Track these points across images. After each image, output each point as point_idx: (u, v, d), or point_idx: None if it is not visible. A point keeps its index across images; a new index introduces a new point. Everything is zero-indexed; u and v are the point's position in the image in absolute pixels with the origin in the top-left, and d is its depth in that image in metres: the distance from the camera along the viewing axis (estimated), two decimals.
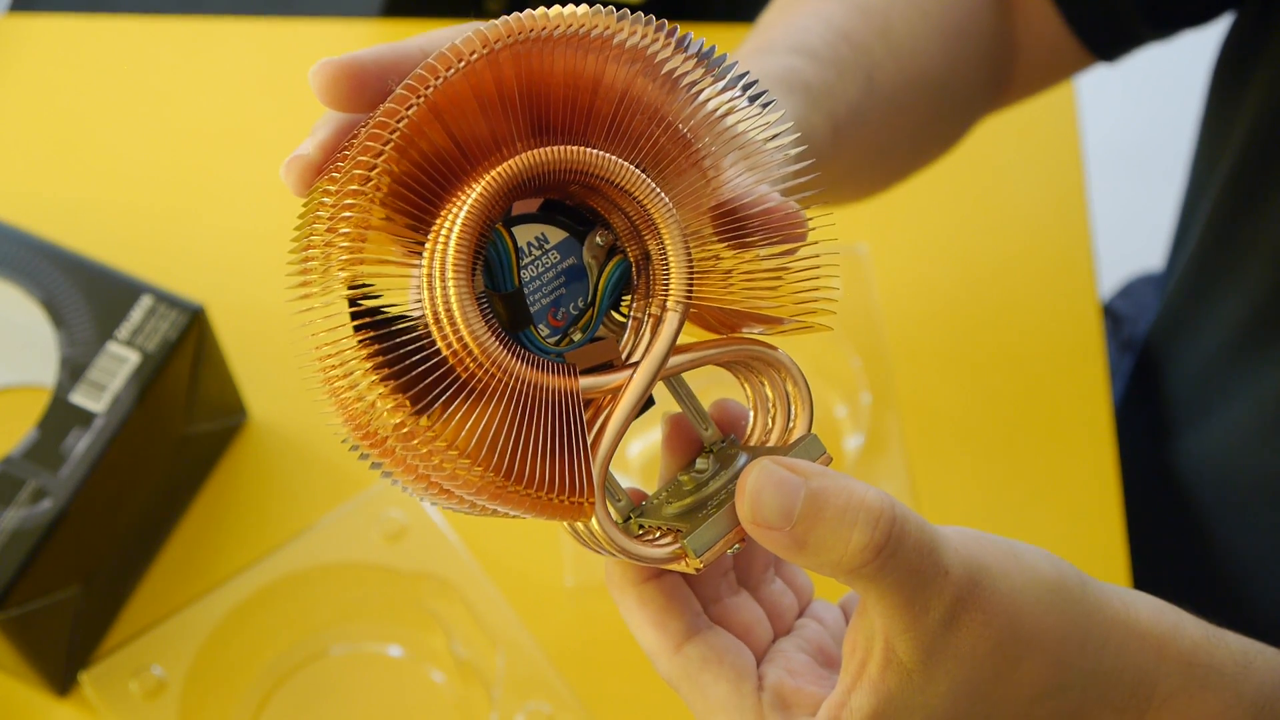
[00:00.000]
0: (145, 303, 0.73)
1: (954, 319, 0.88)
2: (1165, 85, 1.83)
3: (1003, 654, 0.40)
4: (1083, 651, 0.41)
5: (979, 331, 0.88)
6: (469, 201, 0.38)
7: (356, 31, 1.00)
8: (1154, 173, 1.71)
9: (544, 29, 0.38)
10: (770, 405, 0.44)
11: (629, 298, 0.42)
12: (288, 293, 0.40)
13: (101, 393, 0.70)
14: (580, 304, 0.41)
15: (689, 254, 0.40)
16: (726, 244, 0.41)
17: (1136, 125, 1.98)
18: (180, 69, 0.98)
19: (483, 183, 0.38)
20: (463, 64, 0.37)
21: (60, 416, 0.70)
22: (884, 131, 0.68)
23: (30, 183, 0.93)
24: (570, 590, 0.77)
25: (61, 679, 0.73)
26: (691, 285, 0.40)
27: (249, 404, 0.82)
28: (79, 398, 0.70)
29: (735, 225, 0.41)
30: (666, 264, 0.40)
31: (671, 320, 0.40)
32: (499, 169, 0.38)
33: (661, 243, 0.40)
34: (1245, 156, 0.75)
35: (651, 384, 0.40)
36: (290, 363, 0.40)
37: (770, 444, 0.44)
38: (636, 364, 0.40)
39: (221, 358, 0.78)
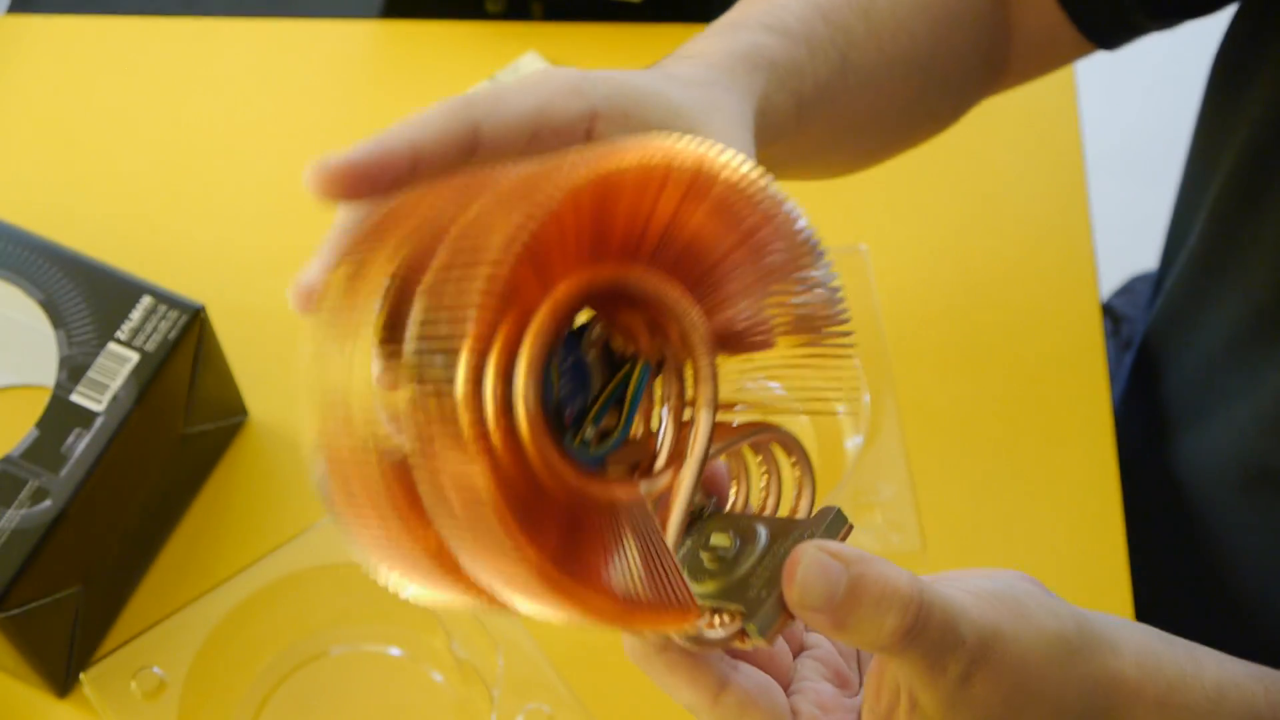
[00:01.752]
0: (145, 303, 0.73)
1: (954, 319, 0.88)
2: (1166, 85, 1.83)
3: (1010, 704, 0.45)
4: (1078, 698, 0.46)
5: (979, 331, 0.88)
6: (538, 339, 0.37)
7: (357, 31, 1.00)
8: (1154, 173, 1.71)
9: (710, 175, 0.38)
10: (765, 474, 0.45)
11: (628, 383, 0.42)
12: (287, 293, 0.40)
13: (101, 393, 0.70)
14: (582, 401, 0.41)
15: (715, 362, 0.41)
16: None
17: (1137, 125, 1.98)
18: (180, 69, 0.98)
19: (547, 316, 0.37)
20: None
21: (60, 416, 0.70)
22: (859, 110, 0.68)
23: (30, 183, 0.93)
24: None
25: (61, 679, 0.73)
26: (718, 388, 0.41)
27: (249, 404, 0.82)
28: (79, 398, 0.70)
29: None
30: (699, 373, 0.41)
31: (705, 420, 0.41)
32: (571, 292, 0.38)
33: (696, 360, 0.41)
34: (1245, 155, 0.75)
35: (698, 485, 0.42)
36: (290, 363, 0.40)
37: (775, 513, 0.45)
38: (671, 464, 0.41)
39: (221, 358, 0.78)
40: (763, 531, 0.44)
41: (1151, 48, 0.79)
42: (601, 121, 0.49)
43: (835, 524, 0.43)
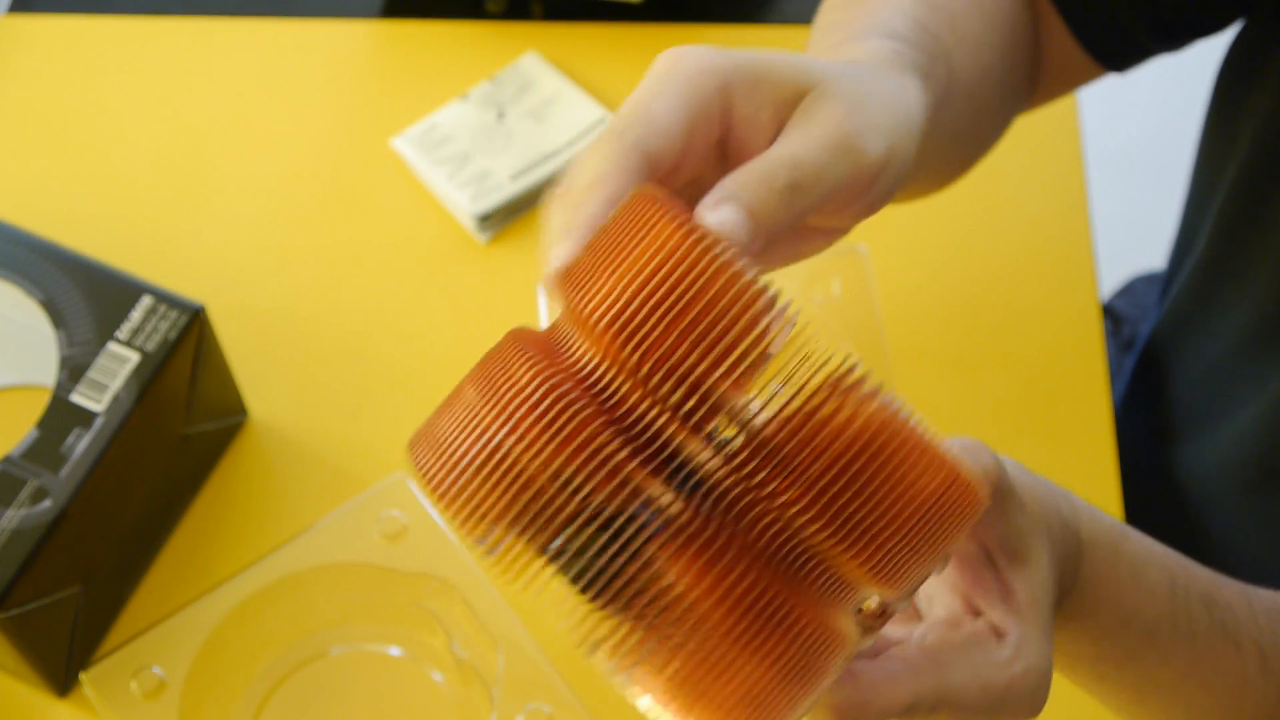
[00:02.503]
0: (145, 303, 0.73)
1: (954, 319, 0.88)
2: (1166, 85, 1.83)
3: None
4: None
5: (979, 331, 0.88)
6: None
7: (357, 31, 1.00)
8: (1154, 173, 1.71)
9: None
10: None
11: None
12: (288, 293, 0.40)
13: (101, 393, 0.70)
14: None
15: None
16: None
17: (1137, 126, 1.98)
18: (180, 69, 0.98)
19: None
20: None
21: (60, 416, 0.70)
22: (960, 118, 0.68)
23: (30, 183, 0.93)
24: None
25: (62, 679, 0.73)
26: None
27: (249, 404, 0.82)
28: (79, 398, 0.70)
29: None
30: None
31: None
32: None
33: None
34: (1252, 161, 0.75)
35: None
36: (290, 363, 0.40)
37: None
38: None
39: (221, 358, 0.78)
40: None
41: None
42: (734, 94, 0.48)
43: None
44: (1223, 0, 0.73)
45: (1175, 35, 0.75)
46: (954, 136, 0.69)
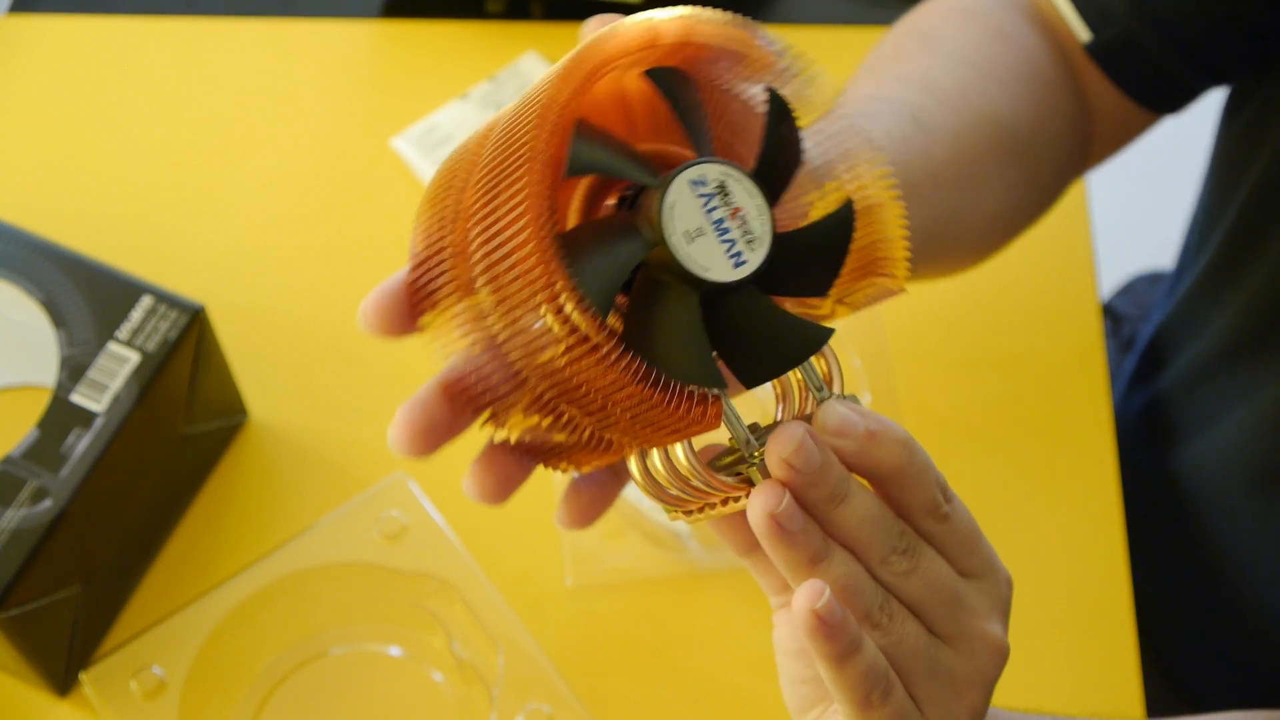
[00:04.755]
0: (145, 303, 0.73)
1: (954, 319, 0.88)
2: None
3: None
4: None
5: (979, 331, 0.88)
6: None
7: (357, 31, 1.00)
8: (1154, 173, 1.71)
9: None
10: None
11: None
12: (288, 293, 0.41)
13: (101, 393, 0.70)
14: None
15: None
16: None
17: None
18: (180, 69, 0.98)
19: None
20: None
21: (60, 416, 0.70)
22: (935, 160, 0.69)
23: (30, 183, 0.93)
24: (570, 590, 0.77)
25: (62, 679, 0.73)
26: None
27: (249, 404, 0.82)
28: (79, 398, 0.70)
29: None
30: None
31: None
32: None
33: None
34: (1271, 172, 0.75)
35: None
36: (290, 363, 0.41)
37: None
38: None
39: (221, 358, 0.78)
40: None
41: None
42: None
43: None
44: (1261, 32, 0.72)
45: (1221, 71, 0.75)
46: (933, 178, 0.69)
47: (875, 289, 0.46)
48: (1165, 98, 0.76)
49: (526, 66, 0.96)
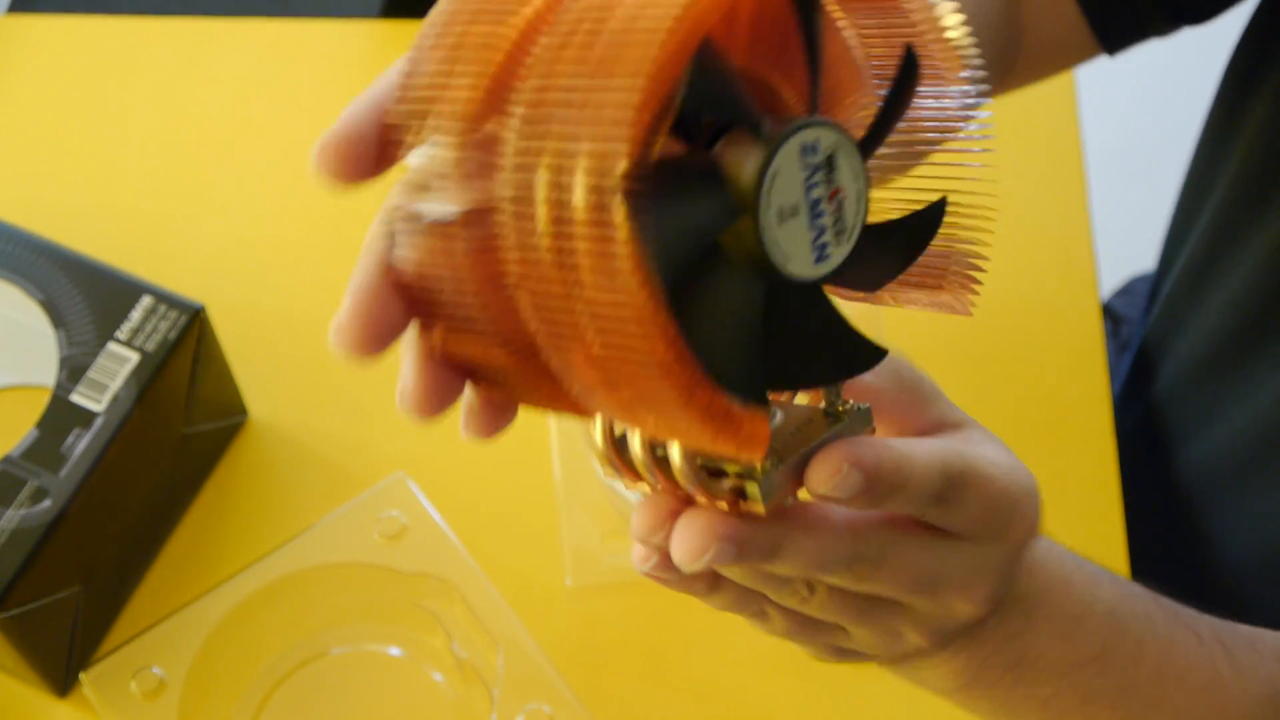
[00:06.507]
0: (145, 303, 0.73)
1: (954, 318, 0.88)
2: (1166, 86, 1.83)
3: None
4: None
5: (979, 331, 0.88)
6: None
7: (357, 31, 1.00)
8: (1154, 173, 1.71)
9: None
10: None
11: None
12: (288, 293, 0.40)
13: (101, 393, 0.70)
14: None
15: None
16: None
17: (1137, 126, 1.98)
18: (180, 69, 0.98)
19: None
20: None
21: (60, 416, 0.70)
22: None
23: (30, 183, 0.93)
24: (570, 590, 0.77)
25: (61, 679, 0.73)
26: None
27: (249, 404, 0.82)
28: (79, 398, 0.70)
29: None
30: None
31: None
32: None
33: None
34: (1250, 162, 0.75)
35: None
36: (290, 363, 0.40)
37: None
38: None
39: (221, 358, 0.78)
40: (778, 412, 0.40)
41: (1152, 48, 0.79)
42: None
43: (861, 419, 0.41)
44: None
45: (1180, 14, 0.75)
46: None
47: (931, 301, 0.41)
48: (1118, 31, 0.75)
49: None
